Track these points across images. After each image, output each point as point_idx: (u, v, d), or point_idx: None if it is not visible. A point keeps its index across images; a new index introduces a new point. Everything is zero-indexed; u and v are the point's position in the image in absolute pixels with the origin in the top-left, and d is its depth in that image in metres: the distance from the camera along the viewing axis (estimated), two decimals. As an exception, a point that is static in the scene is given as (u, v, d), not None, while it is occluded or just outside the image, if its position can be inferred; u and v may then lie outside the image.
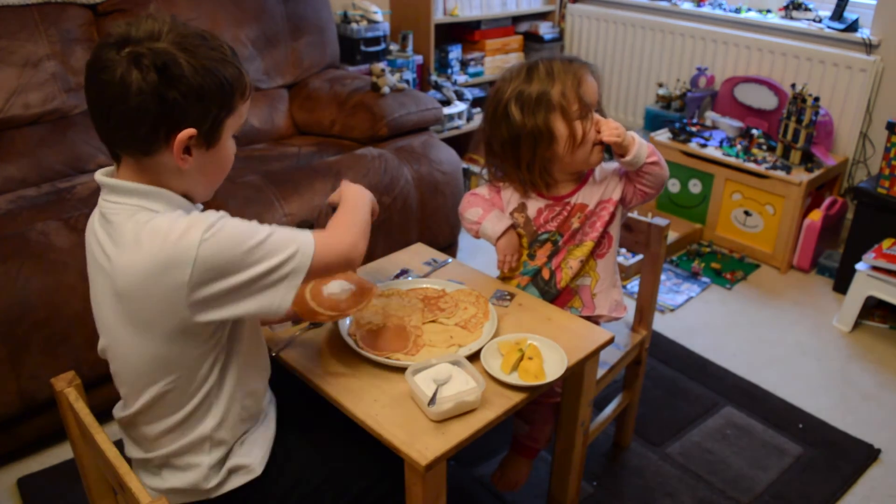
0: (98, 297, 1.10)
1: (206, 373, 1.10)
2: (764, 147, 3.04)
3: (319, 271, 1.12)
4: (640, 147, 1.48)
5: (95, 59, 1.00)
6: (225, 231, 1.02)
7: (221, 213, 1.06)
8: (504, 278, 1.65)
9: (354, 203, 1.29)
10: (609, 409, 1.87)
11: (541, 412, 1.63)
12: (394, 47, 3.35)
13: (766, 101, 3.14)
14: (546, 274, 1.60)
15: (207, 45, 1.02)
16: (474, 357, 1.31)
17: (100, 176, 1.08)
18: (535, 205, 1.59)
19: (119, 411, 1.17)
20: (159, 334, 1.04)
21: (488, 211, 1.60)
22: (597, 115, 1.50)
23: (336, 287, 1.33)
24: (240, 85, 1.06)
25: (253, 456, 1.18)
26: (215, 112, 1.04)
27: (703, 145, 3.08)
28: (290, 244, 1.07)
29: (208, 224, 1.01)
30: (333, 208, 1.37)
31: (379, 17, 3.20)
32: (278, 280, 1.06)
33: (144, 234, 1.00)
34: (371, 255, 1.56)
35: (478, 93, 3.64)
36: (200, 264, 0.99)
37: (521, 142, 1.51)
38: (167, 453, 1.13)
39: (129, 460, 1.16)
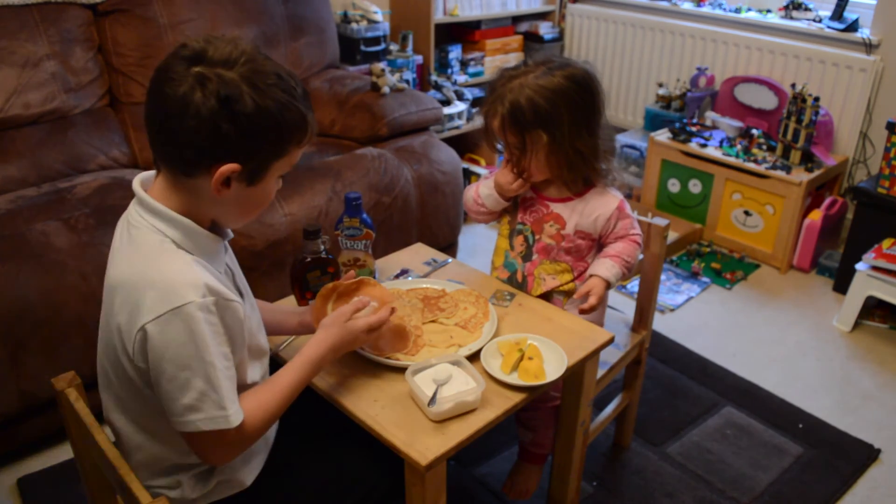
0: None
1: None
2: (764, 147, 3.04)
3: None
4: (614, 285, 1.54)
5: (165, 67, 0.97)
6: (192, 326, 0.96)
7: (215, 299, 0.99)
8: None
9: (314, 360, 1.17)
10: (609, 409, 1.87)
11: (542, 417, 1.63)
12: (394, 47, 3.34)
13: (766, 101, 3.14)
14: (520, 276, 1.60)
15: (278, 85, 0.99)
16: (474, 357, 1.31)
17: (136, 186, 1.06)
18: (524, 194, 1.60)
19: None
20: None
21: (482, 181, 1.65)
22: (586, 290, 1.50)
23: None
24: (298, 132, 1.03)
25: (244, 473, 1.17)
26: (265, 153, 1.01)
27: (703, 145, 3.08)
28: (223, 408, 1.00)
29: (186, 301, 0.96)
30: (309, 232, 1.39)
31: (379, 17, 3.20)
32: (197, 419, 1.00)
33: (138, 259, 1.00)
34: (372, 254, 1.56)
35: (478, 93, 3.64)
36: (147, 341, 0.96)
37: None
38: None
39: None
